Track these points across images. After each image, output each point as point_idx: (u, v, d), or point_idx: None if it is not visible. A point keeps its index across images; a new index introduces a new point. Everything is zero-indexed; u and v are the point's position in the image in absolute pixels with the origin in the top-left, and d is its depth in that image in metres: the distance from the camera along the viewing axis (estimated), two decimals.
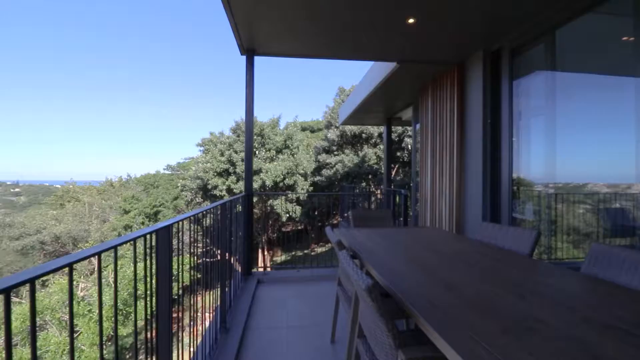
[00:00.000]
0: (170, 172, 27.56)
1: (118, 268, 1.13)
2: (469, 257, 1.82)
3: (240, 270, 3.86)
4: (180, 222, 1.71)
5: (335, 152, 17.11)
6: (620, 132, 2.77)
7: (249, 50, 3.88)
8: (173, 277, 1.56)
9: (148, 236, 1.35)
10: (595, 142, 3.04)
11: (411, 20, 3.19)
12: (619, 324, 0.97)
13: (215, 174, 14.76)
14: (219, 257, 2.55)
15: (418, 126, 5.57)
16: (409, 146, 14.61)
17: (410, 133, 13.89)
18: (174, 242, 1.75)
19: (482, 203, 3.76)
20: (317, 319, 2.81)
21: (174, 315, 2.01)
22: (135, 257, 1.28)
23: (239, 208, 3.81)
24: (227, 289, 2.76)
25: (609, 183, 3.52)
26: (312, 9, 2.97)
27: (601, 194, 3.74)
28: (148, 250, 1.39)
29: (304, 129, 25.40)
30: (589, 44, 3.36)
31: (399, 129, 14.81)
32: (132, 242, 1.23)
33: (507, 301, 1.14)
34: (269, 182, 14.19)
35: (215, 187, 14.50)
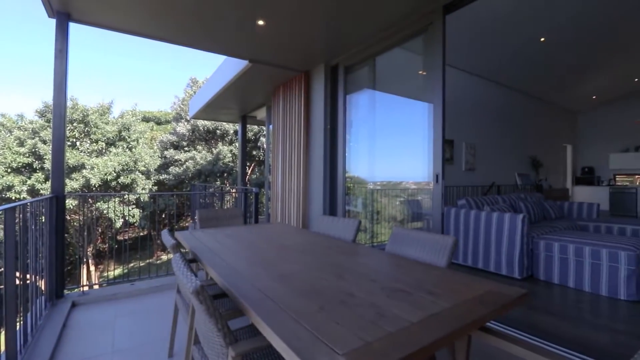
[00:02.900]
0: None
1: None
2: (306, 247, 2.01)
3: (45, 294, 2.98)
4: None
5: (186, 148, 15.71)
6: (418, 143, 3.65)
7: (61, 13, 3.05)
8: None
9: None
10: (404, 149, 3.92)
11: (261, 22, 3.25)
12: (404, 287, 1.27)
13: (9, 170, 10.95)
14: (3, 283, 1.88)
15: (271, 127, 5.76)
16: (265, 145, 14.97)
17: (265, 132, 14.24)
18: None
19: (323, 198, 4.24)
20: (154, 335, 2.48)
21: None
22: None
23: (43, 214, 2.94)
24: (18, 322, 2.07)
25: (415, 181, 4.65)
26: None
27: (410, 190, 4.95)
28: None
29: (147, 120, 22.13)
30: (398, 72, 4.29)
31: (255, 127, 14.97)
32: None
33: (328, 282, 1.31)
34: (95, 181, 11.63)
35: (10, 187, 10.77)
